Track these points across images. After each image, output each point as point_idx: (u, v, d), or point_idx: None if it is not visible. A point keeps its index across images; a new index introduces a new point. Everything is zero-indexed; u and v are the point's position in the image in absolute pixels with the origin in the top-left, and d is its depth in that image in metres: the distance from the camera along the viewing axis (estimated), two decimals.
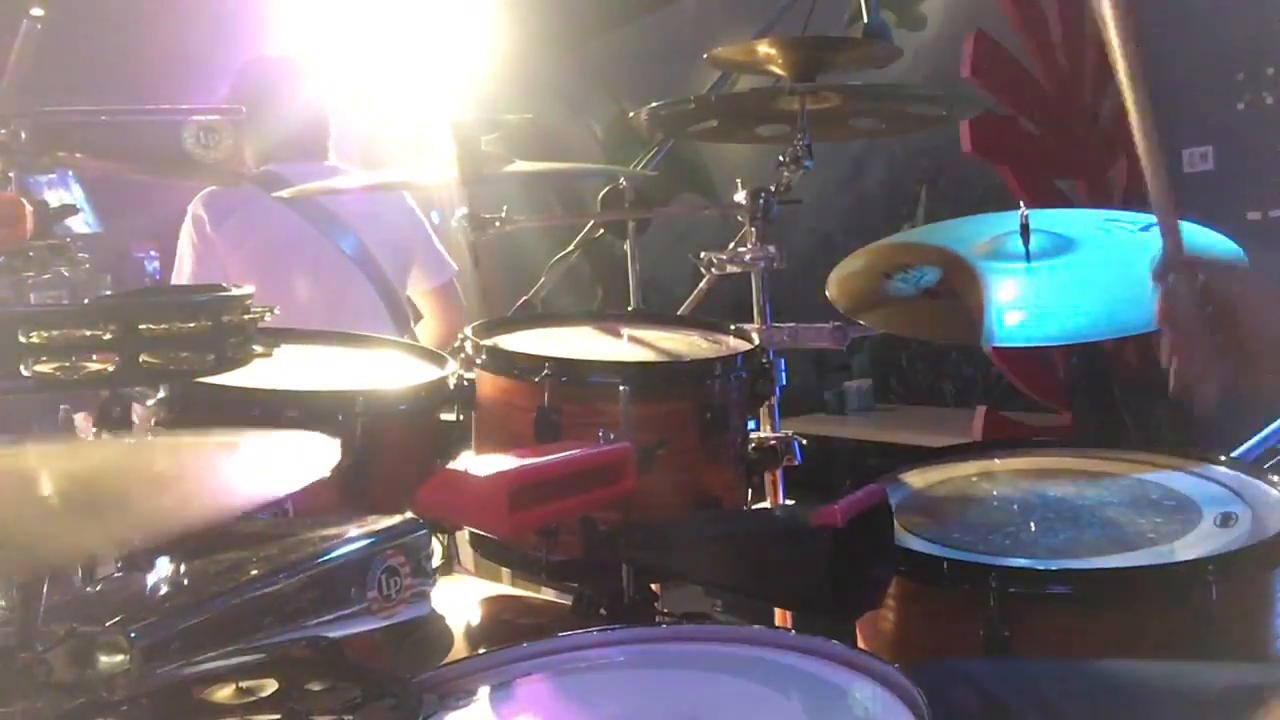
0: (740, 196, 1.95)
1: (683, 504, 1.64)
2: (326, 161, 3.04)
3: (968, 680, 1.23)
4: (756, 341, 1.83)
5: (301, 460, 0.99)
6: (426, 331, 3.11)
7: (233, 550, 1.15)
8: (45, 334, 1.11)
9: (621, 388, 1.59)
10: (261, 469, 1.01)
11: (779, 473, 1.86)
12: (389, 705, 1.05)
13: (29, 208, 1.50)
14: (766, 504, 1.86)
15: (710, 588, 1.60)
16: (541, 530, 1.53)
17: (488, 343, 1.74)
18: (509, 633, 1.80)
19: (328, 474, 0.96)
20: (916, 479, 1.85)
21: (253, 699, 1.06)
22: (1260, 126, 3.70)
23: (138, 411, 1.66)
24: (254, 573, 1.09)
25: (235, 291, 1.27)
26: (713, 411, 1.65)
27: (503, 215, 2.00)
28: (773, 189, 1.92)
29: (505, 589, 2.09)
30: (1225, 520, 1.58)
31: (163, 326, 1.16)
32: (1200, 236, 1.85)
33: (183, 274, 2.90)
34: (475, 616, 1.81)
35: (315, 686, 1.07)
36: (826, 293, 1.93)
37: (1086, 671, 1.27)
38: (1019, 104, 3.90)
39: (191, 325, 1.18)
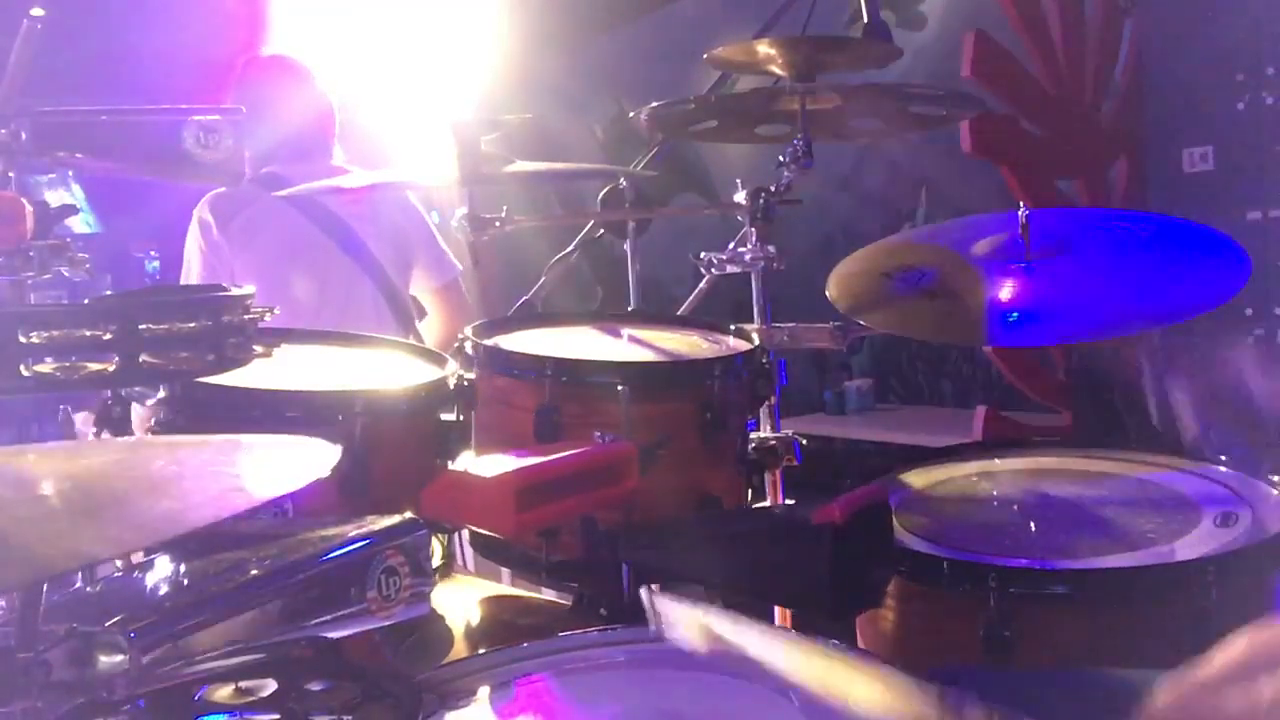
0: (740, 196, 1.95)
1: (683, 504, 1.64)
2: (330, 161, 3.05)
3: (968, 685, 1.23)
4: (756, 341, 1.83)
5: (301, 461, 0.99)
6: (430, 331, 3.11)
7: (233, 550, 1.15)
8: (45, 334, 1.11)
9: (621, 388, 1.59)
10: (261, 470, 1.01)
11: (779, 473, 1.86)
12: (389, 705, 1.05)
13: (29, 208, 1.50)
14: (766, 504, 1.86)
15: (710, 588, 1.60)
16: (542, 530, 1.53)
17: (488, 343, 1.73)
18: (509, 633, 1.80)
19: (327, 474, 0.96)
20: (916, 479, 1.85)
21: (252, 699, 1.06)
22: (1260, 126, 3.69)
23: (138, 412, 1.66)
24: (254, 573, 1.10)
25: (235, 291, 1.27)
26: (713, 411, 1.65)
27: (503, 215, 2.00)
28: (773, 189, 1.92)
29: (505, 589, 2.09)
30: (1225, 520, 1.58)
31: (163, 326, 1.16)
32: (1200, 236, 1.86)
33: (191, 279, 2.91)
34: (475, 616, 1.81)
35: (315, 686, 1.07)
36: (826, 293, 1.93)
37: (1086, 680, 1.27)
38: (1019, 104, 3.90)
39: (191, 325, 1.18)
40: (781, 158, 1.85)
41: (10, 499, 0.86)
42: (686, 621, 1.02)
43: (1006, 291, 1.82)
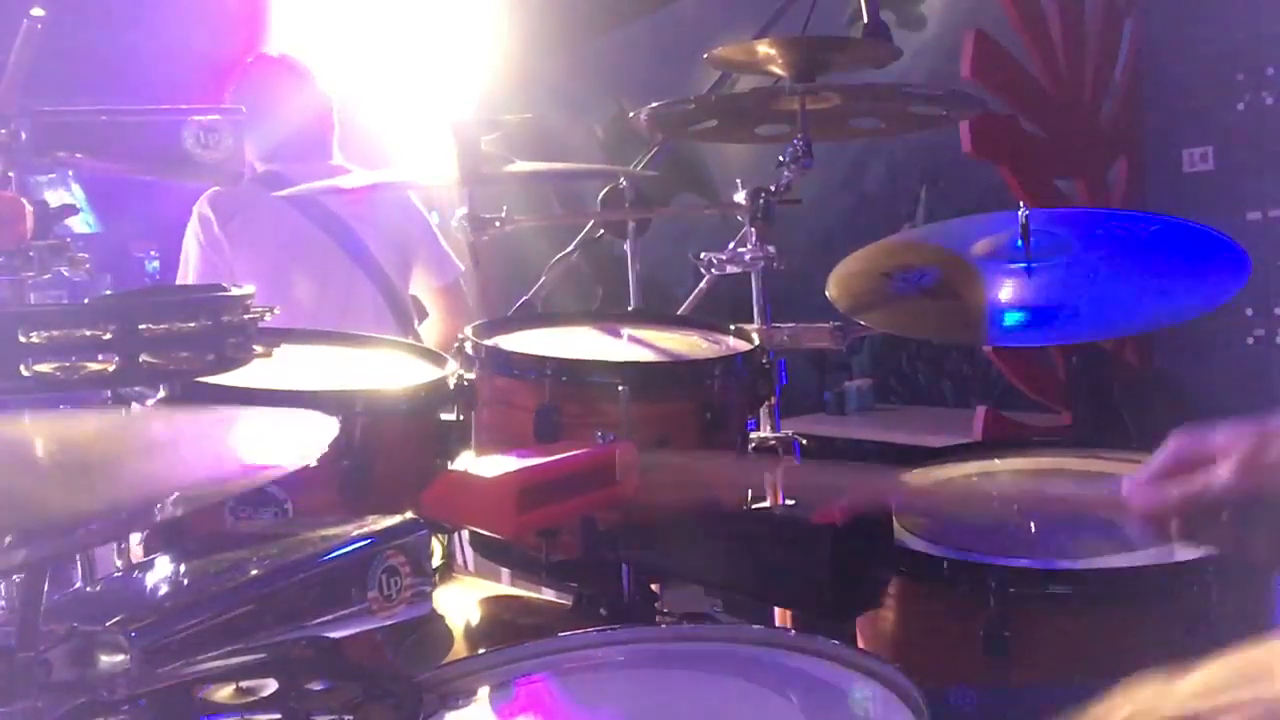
0: (740, 196, 1.95)
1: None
2: (331, 161, 3.05)
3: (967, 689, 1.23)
4: (756, 341, 1.83)
5: (295, 436, 0.99)
6: (431, 332, 3.11)
7: (233, 550, 1.16)
8: (45, 334, 1.11)
9: (621, 388, 1.58)
10: (255, 441, 1.01)
11: None
12: (389, 705, 1.05)
13: (29, 208, 1.50)
14: (766, 504, 1.86)
15: (710, 588, 1.61)
16: (542, 530, 1.53)
17: (488, 343, 1.74)
18: (509, 633, 1.80)
19: (326, 466, 0.96)
20: (916, 479, 1.85)
21: (253, 699, 1.06)
22: (1260, 126, 3.69)
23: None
24: (254, 573, 1.10)
25: (235, 291, 1.27)
26: (713, 411, 1.65)
27: (503, 215, 2.00)
28: (773, 189, 1.92)
29: (505, 589, 2.09)
30: None
31: (163, 326, 1.16)
32: (1200, 236, 1.86)
33: (188, 274, 2.91)
34: (475, 616, 1.82)
35: (315, 686, 1.07)
36: (826, 293, 1.93)
37: (1085, 690, 1.27)
38: (1019, 104, 3.90)
39: (191, 325, 1.18)
40: (781, 158, 1.85)
41: (5, 462, 0.86)
42: None
43: (1006, 291, 1.82)
